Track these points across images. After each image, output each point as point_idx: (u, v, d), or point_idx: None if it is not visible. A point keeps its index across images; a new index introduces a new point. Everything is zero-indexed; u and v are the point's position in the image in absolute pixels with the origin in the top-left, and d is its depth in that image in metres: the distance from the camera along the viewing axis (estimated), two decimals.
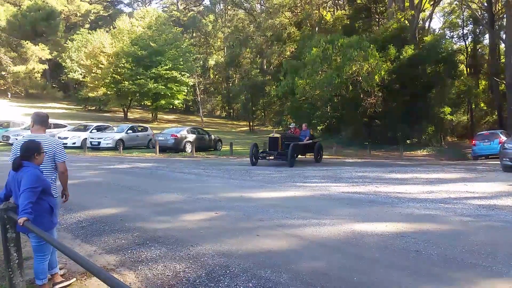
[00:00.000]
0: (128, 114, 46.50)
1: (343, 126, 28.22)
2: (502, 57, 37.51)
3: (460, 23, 42.63)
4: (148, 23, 45.75)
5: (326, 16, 42.75)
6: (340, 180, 9.90)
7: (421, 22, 35.58)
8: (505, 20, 33.97)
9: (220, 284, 3.67)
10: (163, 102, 43.31)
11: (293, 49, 41.93)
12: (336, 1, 43.65)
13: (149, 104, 47.00)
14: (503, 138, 20.65)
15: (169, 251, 4.70)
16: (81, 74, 42.25)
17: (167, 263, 4.32)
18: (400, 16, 26.08)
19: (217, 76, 68.95)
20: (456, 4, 42.96)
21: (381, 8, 34.91)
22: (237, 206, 6.85)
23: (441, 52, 25.06)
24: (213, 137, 23.17)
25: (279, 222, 5.73)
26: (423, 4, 31.87)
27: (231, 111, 67.78)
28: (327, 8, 44.63)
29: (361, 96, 23.36)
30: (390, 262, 4.02)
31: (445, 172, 11.45)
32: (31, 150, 3.64)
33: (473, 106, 34.67)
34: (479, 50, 42.24)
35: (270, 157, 14.63)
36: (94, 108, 50.29)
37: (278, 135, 14.62)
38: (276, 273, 3.82)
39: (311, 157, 16.51)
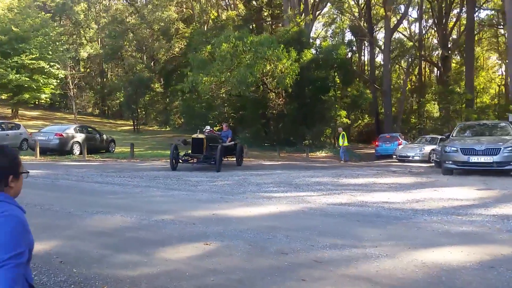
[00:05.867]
0: None
1: (242, 127, 27.35)
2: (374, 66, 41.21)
3: (340, 32, 45.61)
4: (8, 4, 38.94)
5: (211, 14, 41.61)
6: (301, 187, 8.71)
7: None
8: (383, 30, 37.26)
9: None
10: (27, 96, 37.05)
11: (183, 46, 39.85)
12: (227, 1, 42.94)
13: (4, 97, 39.98)
14: (401, 140, 22.37)
15: None
16: None
17: None
18: (300, 20, 26.25)
19: (88, 70, 62.66)
20: (336, 13, 45.91)
21: (277, 11, 35.18)
22: (225, 231, 5.13)
23: (336, 58, 25.86)
24: (105, 137, 20.10)
25: (310, 254, 4.23)
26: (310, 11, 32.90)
27: (106, 108, 62.11)
28: (216, 7, 43.55)
29: (270, 96, 22.77)
30: None
31: (388, 176, 11.14)
32: (3, 168, 1.69)
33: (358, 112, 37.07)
34: (356, 59, 45.76)
35: (192, 161, 12.82)
36: None
37: (202, 136, 12.83)
38: None
39: (229, 159, 15.09)
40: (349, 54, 41.44)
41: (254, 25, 34.54)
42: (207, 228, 5.27)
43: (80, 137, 18.02)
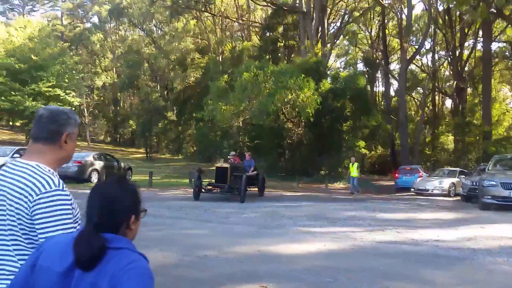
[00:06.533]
0: None
1: (257, 156, 27.05)
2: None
3: (353, 63, 45.90)
4: (29, 34, 39.87)
5: (227, 46, 42.11)
6: (338, 222, 8.30)
7: None
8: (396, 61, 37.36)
9: None
10: None
11: (198, 75, 40.21)
12: (242, 33, 43.59)
13: (18, 124, 40.47)
14: (422, 173, 21.77)
15: None
16: None
17: None
18: (318, 51, 26.35)
19: (102, 98, 63.54)
20: (348, 45, 46.33)
21: (291, 42, 35.48)
22: (278, 270, 4.74)
23: (354, 88, 25.66)
24: (122, 164, 19.89)
25: None
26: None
27: (118, 136, 62.48)
28: (231, 39, 44.14)
29: (288, 126, 22.53)
30: None
31: (424, 211, 10.64)
32: (126, 206, 1.36)
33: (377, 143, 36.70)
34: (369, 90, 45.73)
35: (216, 190, 12.50)
36: None
37: (227, 165, 12.53)
38: None
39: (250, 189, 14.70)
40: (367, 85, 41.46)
41: (268, 56, 34.74)
42: (257, 266, 4.89)
43: (98, 164, 17.82)
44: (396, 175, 22.44)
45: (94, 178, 17.40)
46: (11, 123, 48.71)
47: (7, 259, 1.61)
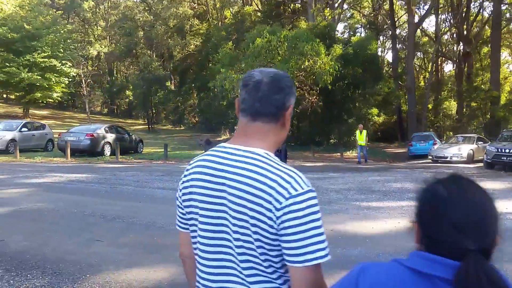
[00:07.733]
0: None
1: None
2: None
3: (358, 27, 44.82)
4: (20, 1, 38.12)
5: (227, 12, 40.64)
6: (391, 195, 7.88)
7: None
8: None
9: None
10: (38, 95, 36.28)
11: (198, 43, 38.97)
12: None
13: (13, 97, 39.37)
14: (437, 140, 21.47)
15: None
16: None
17: None
18: (328, 14, 25.35)
19: (96, 68, 61.96)
20: (349, 8, 45.01)
21: (297, 6, 34.21)
22: (370, 254, 4.31)
23: (367, 54, 24.86)
24: (134, 137, 19.27)
25: None
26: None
27: (115, 107, 61.34)
28: (228, 5, 42.52)
29: (301, 93, 21.85)
30: None
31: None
32: (497, 223, 0.89)
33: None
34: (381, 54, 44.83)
35: None
36: None
37: None
38: None
39: None
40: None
41: (272, 22, 33.58)
42: (344, 250, 4.44)
43: (110, 137, 17.18)
44: (410, 143, 22.15)
45: (107, 151, 16.82)
46: (4, 96, 47.51)
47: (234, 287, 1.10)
